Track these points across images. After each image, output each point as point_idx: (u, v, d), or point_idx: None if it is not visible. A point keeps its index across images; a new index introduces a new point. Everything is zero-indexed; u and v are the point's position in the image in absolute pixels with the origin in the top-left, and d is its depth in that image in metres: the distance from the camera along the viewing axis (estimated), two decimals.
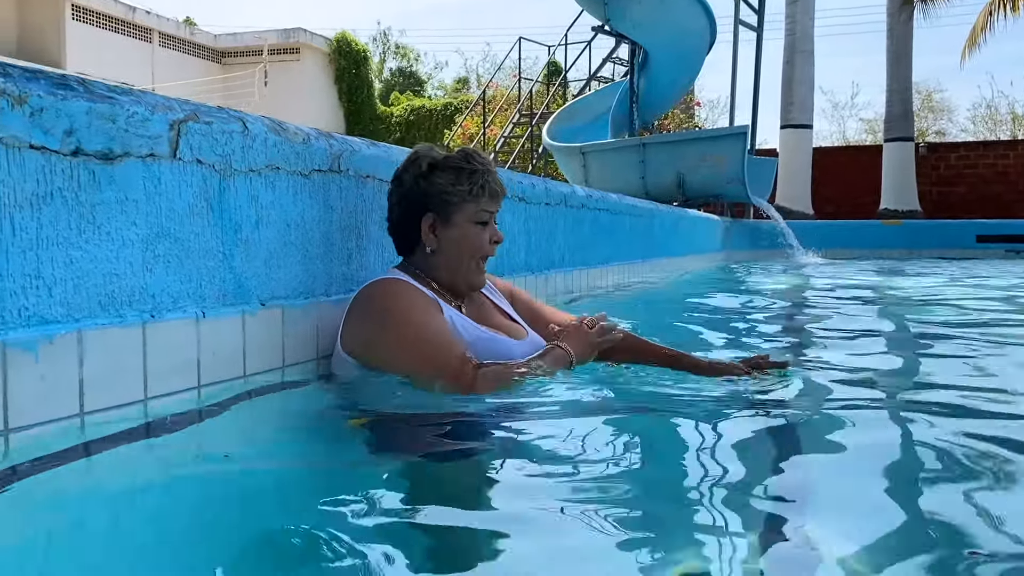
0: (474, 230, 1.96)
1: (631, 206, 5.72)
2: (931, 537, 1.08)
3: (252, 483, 1.31)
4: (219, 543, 1.06)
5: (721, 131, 11.43)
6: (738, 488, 1.26)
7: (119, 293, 1.43)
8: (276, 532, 1.09)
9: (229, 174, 1.69)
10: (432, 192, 1.94)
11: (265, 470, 1.38)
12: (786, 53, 13.96)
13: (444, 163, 1.95)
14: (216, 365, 1.64)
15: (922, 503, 1.21)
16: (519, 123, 15.42)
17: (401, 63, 32.31)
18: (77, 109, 1.34)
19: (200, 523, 1.14)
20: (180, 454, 1.39)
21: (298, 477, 1.38)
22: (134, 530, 1.11)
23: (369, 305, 1.87)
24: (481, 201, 1.94)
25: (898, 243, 10.86)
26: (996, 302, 4.63)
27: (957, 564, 0.97)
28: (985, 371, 2.33)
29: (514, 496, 1.23)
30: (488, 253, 1.99)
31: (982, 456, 1.42)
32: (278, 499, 1.26)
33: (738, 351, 2.61)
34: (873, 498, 1.22)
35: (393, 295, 1.87)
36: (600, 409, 1.76)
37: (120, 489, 1.25)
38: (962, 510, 1.15)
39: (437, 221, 1.95)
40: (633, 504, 1.18)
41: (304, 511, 1.18)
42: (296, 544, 1.05)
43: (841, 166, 17.10)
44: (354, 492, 1.22)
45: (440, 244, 1.95)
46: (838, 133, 32.74)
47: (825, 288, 5.82)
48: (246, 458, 1.43)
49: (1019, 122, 28.66)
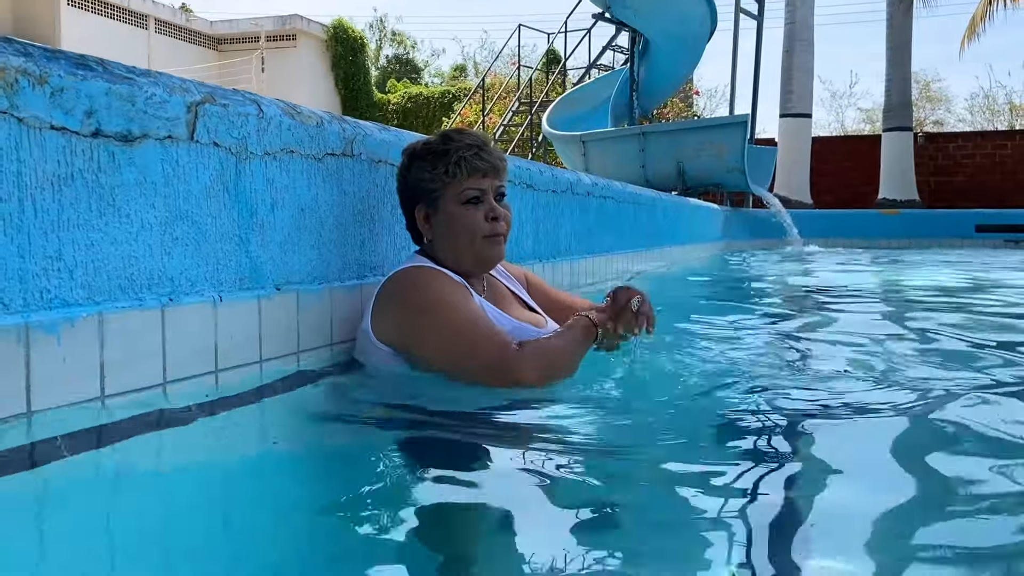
0: (463, 211, 1.88)
1: (635, 194, 5.71)
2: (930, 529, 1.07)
3: (278, 475, 1.31)
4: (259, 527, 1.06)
5: (721, 120, 11.40)
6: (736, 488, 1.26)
7: (138, 276, 1.42)
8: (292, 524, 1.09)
9: (245, 157, 1.68)
10: (416, 183, 1.92)
11: (290, 462, 1.37)
12: (786, 42, 13.93)
13: (421, 151, 1.92)
14: (232, 349, 1.63)
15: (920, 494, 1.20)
16: (518, 111, 15.37)
17: (398, 50, 32.17)
18: (97, 90, 1.32)
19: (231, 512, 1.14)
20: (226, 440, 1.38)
21: (324, 469, 1.38)
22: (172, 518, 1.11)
23: (406, 294, 1.84)
24: (460, 180, 1.87)
25: (896, 233, 10.86)
26: (994, 291, 4.63)
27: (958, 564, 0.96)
28: (975, 358, 2.32)
29: (535, 495, 1.23)
30: (487, 232, 1.89)
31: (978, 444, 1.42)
32: (300, 490, 1.26)
33: (728, 343, 2.60)
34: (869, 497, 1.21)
35: (428, 283, 1.84)
36: (621, 408, 1.74)
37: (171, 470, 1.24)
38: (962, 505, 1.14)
39: (428, 211, 1.93)
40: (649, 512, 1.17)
41: (325, 502, 1.17)
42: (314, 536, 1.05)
43: (840, 155, 17.09)
44: (375, 488, 1.21)
45: (435, 232, 1.93)
46: (836, 123, 32.73)
47: (821, 277, 5.82)
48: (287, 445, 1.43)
49: (1016, 112, 28.66)
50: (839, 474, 1.30)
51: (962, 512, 1.13)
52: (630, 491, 1.22)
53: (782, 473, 1.30)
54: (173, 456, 1.33)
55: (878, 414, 1.66)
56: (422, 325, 1.80)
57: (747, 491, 1.21)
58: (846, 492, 1.23)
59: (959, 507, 1.15)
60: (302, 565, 0.96)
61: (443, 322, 1.78)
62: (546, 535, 1.04)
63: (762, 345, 2.58)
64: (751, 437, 1.51)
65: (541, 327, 2.00)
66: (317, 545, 1.02)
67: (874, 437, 1.51)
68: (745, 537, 1.04)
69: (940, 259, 7.73)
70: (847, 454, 1.41)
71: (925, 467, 1.34)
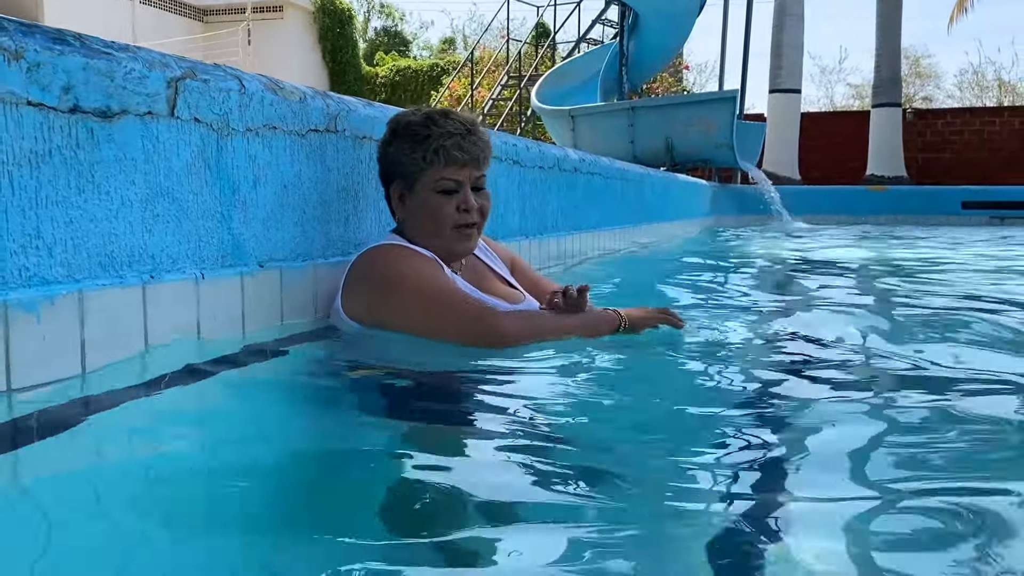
0: (436, 199, 1.87)
1: (622, 170, 5.70)
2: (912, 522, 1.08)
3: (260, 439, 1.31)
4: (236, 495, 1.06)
5: (711, 95, 11.36)
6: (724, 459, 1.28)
7: (119, 253, 1.41)
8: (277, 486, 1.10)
9: (227, 133, 1.66)
10: (395, 159, 1.91)
11: (268, 428, 1.38)
12: (776, 17, 13.86)
13: (404, 128, 1.90)
14: (215, 326, 1.63)
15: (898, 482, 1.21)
16: (507, 85, 15.28)
17: (386, 23, 31.81)
18: (74, 65, 1.31)
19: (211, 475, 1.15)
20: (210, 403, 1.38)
21: (302, 434, 1.38)
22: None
23: (374, 271, 1.85)
24: (438, 168, 1.85)
25: (884, 209, 10.90)
26: (978, 271, 4.67)
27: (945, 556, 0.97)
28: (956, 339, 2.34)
29: (517, 465, 1.24)
30: (457, 223, 1.88)
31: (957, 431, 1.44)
32: (281, 455, 1.26)
33: (711, 315, 2.62)
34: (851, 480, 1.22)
35: (397, 260, 1.85)
36: (604, 379, 1.75)
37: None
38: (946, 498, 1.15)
39: (404, 191, 1.92)
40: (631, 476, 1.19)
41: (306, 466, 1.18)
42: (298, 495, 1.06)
43: (828, 131, 17.08)
44: (355, 450, 1.22)
45: (408, 213, 1.92)
46: (826, 98, 32.64)
47: (808, 253, 5.84)
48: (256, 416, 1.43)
49: (1005, 89, 28.68)
50: (815, 458, 1.32)
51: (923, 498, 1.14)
52: (607, 458, 1.24)
53: (763, 451, 1.31)
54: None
55: (858, 396, 1.68)
56: (394, 300, 1.82)
57: (728, 475, 1.22)
58: (823, 478, 1.24)
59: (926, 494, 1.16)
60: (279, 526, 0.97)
61: (415, 294, 1.80)
62: (534, 507, 1.05)
63: (739, 323, 2.59)
64: (736, 419, 1.53)
65: (517, 302, 2.01)
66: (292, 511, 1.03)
67: (857, 421, 1.52)
68: (724, 526, 1.06)
69: (923, 235, 7.77)
70: (825, 438, 1.42)
71: (902, 451, 1.36)
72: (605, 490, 1.11)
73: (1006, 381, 1.75)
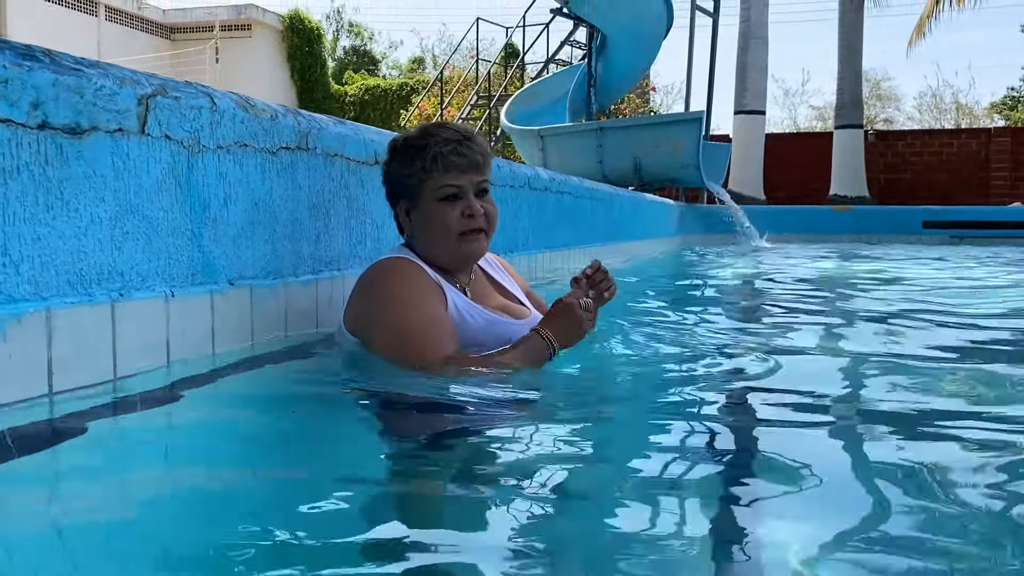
0: (439, 208, 1.86)
1: (592, 190, 5.75)
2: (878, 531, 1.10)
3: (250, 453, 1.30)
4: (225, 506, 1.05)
5: (677, 116, 11.51)
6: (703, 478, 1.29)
7: (88, 271, 1.40)
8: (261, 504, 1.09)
9: (198, 150, 1.66)
10: (396, 178, 1.92)
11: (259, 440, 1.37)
12: (740, 40, 14.10)
13: (402, 145, 1.91)
14: (185, 344, 1.62)
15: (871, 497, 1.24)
16: (477, 105, 15.34)
17: (355, 42, 31.84)
18: (43, 81, 1.30)
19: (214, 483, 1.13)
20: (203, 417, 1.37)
21: (296, 449, 1.37)
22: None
23: (370, 284, 1.85)
24: (436, 176, 1.84)
25: (847, 228, 11.07)
26: (939, 287, 4.77)
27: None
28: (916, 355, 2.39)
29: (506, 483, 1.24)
30: (462, 229, 1.86)
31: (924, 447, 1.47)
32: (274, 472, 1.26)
33: (676, 336, 2.65)
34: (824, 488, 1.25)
35: (392, 276, 1.83)
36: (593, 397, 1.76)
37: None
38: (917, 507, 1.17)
39: (409, 206, 1.92)
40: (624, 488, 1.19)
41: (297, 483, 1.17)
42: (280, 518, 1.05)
43: (792, 152, 17.36)
44: (350, 466, 1.21)
45: (415, 228, 1.92)
46: (789, 120, 33.24)
47: (773, 271, 5.92)
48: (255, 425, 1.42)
49: (963, 111, 29.41)
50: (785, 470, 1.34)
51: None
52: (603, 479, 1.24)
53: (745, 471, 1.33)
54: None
55: (822, 406, 1.71)
56: (375, 318, 1.81)
57: (702, 484, 1.23)
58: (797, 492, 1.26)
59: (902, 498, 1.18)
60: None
61: (389, 319, 1.78)
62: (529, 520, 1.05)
63: (706, 339, 2.62)
64: (705, 429, 1.54)
65: (523, 318, 1.98)
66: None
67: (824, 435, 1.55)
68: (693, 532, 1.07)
69: (883, 253, 7.91)
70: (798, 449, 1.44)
71: (873, 461, 1.38)
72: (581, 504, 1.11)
73: (953, 372, 1.79)
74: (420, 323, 1.77)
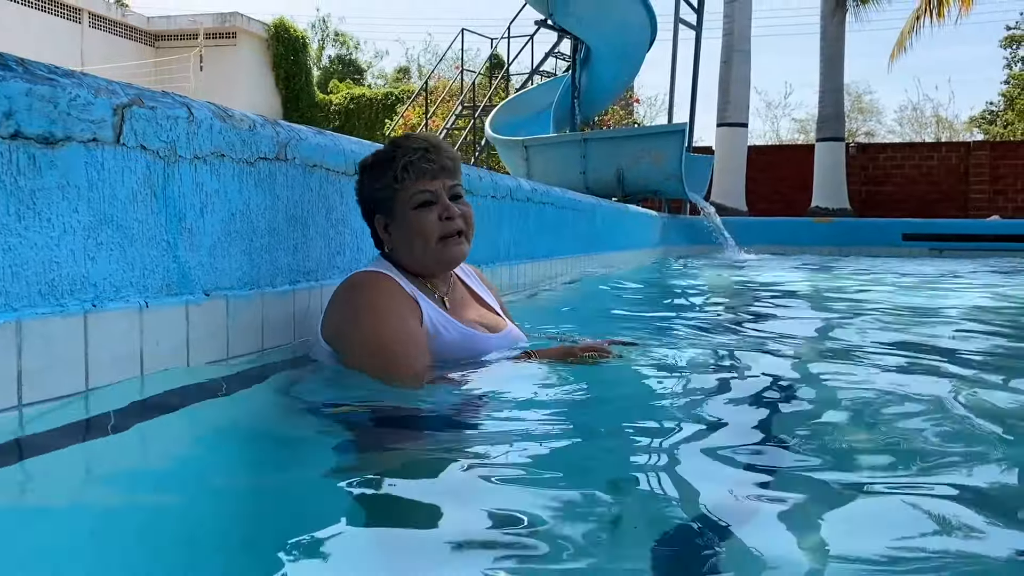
0: (415, 215, 1.88)
1: (574, 201, 5.77)
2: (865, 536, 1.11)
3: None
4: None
5: (661, 128, 11.58)
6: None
7: (60, 282, 1.39)
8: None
9: (174, 161, 1.65)
10: (370, 195, 1.94)
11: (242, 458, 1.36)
12: (723, 53, 14.22)
13: (371, 161, 1.94)
14: (159, 356, 1.61)
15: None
16: (461, 115, 15.38)
17: (340, 51, 31.85)
18: (16, 90, 1.29)
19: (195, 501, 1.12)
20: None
21: (279, 464, 1.36)
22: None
23: (346, 296, 1.85)
24: (408, 184, 1.86)
25: (828, 240, 11.16)
26: (918, 297, 4.81)
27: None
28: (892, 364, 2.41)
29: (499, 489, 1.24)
30: (442, 232, 1.88)
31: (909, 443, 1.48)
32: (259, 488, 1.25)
33: (666, 338, 2.66)
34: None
35: (368, 289, 1.83)
36: (573, 403, 1.76)
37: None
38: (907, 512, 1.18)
39: (387, 220, 1.93)
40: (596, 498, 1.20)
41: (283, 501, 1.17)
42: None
43: (774, 164, 17.51)
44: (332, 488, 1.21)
45: (394, 239, 1.93)
46: (771, 132, 33.50)
47: (755, 282, 5.96)
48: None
49: (943, 125, 29.77)
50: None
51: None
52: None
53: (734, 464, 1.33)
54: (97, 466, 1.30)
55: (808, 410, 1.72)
56: (349, 330, 1.81)
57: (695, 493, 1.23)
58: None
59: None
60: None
61: (364, 333, 1.79)
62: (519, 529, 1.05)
63: (686, 346, 2.63)
64: (698, 436, 1.55)
65: (498, 330, 1.99)
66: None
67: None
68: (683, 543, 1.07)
69: (864, 265, 7.98)
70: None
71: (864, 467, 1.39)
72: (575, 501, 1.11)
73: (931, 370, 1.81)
74: (391, 337, 1.77)
